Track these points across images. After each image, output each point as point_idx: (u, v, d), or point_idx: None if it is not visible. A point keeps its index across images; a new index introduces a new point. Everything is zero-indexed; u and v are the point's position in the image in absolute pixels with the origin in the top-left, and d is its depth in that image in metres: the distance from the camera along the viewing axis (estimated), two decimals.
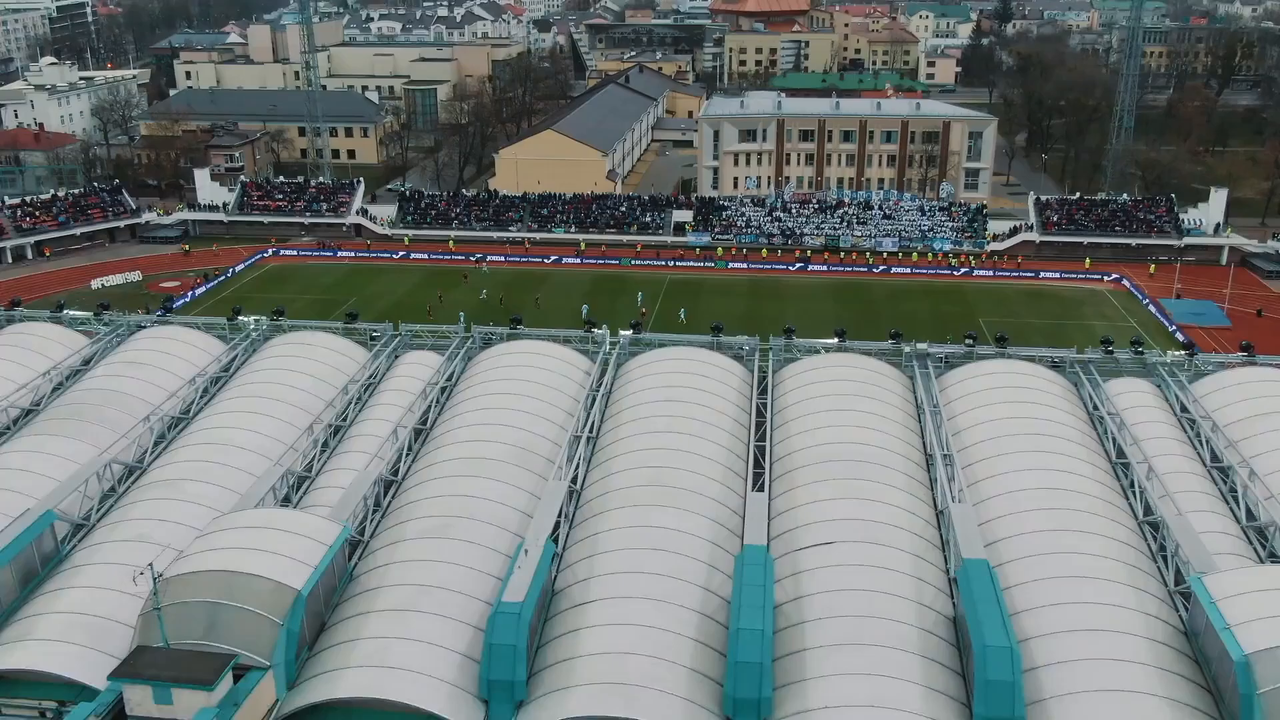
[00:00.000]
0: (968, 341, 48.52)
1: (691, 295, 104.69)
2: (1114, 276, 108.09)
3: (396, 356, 49.55)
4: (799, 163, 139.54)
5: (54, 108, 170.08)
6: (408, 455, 40.94)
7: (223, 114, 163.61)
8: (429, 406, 43.92)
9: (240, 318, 56.13)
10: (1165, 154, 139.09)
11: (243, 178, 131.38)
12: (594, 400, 43.55)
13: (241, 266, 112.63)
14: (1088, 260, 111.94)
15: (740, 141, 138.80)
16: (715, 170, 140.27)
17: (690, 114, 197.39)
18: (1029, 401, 42.71)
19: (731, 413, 42.95)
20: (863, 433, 40.24)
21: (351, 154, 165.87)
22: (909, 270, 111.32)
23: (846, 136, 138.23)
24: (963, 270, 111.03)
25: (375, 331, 52.83)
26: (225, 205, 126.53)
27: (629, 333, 49.13)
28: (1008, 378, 44.89)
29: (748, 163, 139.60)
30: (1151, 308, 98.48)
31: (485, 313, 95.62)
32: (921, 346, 47.55)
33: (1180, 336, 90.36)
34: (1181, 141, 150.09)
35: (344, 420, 44.31)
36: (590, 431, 41.84)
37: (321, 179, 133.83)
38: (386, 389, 46.18)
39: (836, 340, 48.76)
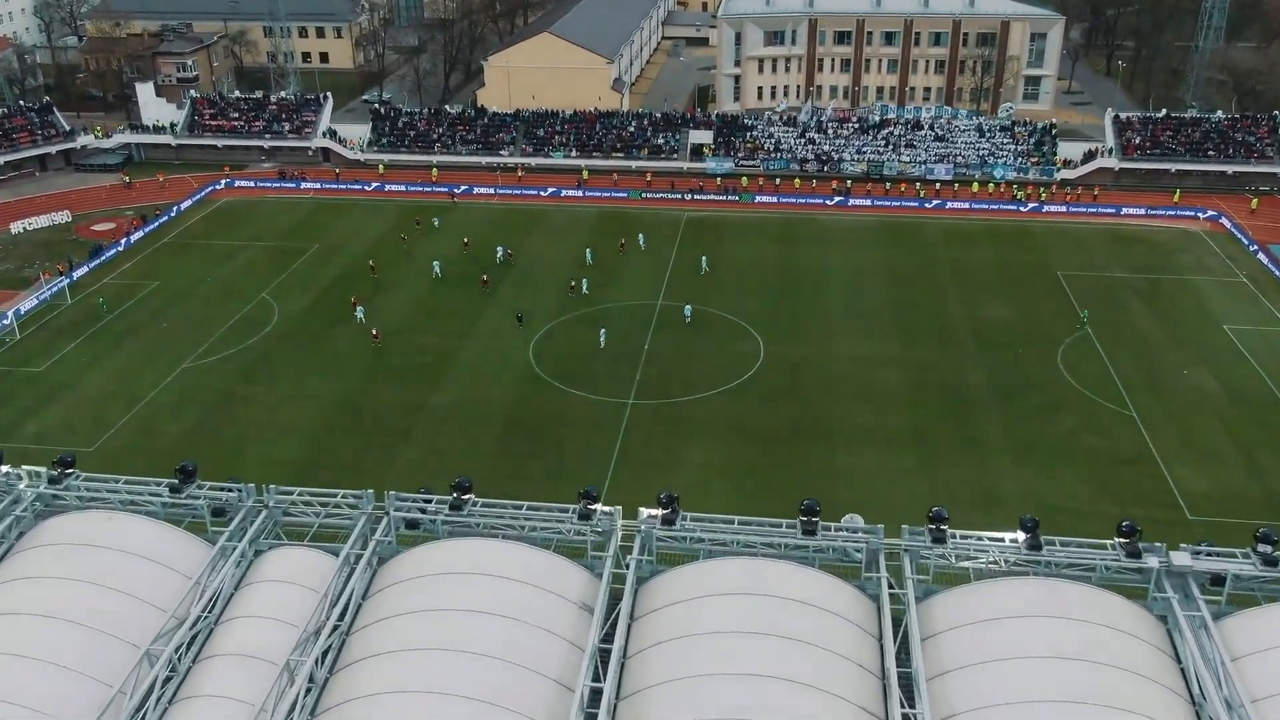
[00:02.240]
0: (1261, 549, 26.87)
1: (713, 237, 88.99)
2: (1210, 214, 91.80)
3: (258, 553, 27.92)
4: (833, 69, 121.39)
5: None
6: None
7: (177, 11, 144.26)
8: (295, 706, 22.93)
9: (3, 470, 31.14)
10: (1248, 54, 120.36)
11: (193, 91, 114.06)
12: (599, 694, 23.23)
13: (188, 203, 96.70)
14: (1177, 193, 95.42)
15: (766, 45, 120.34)
16: (737, 79, 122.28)
17: (705, 6, 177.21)
18: None
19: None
20: None
21: (324, 57, 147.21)
22: (967, 205, 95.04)
23: (889, 39, 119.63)
24: (1030, 206, 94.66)
25: (224, 498, 29.53)
26: (173, 126, 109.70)
27: (654, 515, 27.63)
28: None
29: (774, 70, 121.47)
30: (1261, 256, 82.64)
31: (463, 265, 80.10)
32: (1181, 562, 26.53)
33: None
34: (1268, 41, 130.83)
35: None
36: None
37: (284, 93, 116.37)
38: (223, 651, 24.80)
39: (1024, 537, 27.77)
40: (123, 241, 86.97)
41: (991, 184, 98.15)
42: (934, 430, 58.94)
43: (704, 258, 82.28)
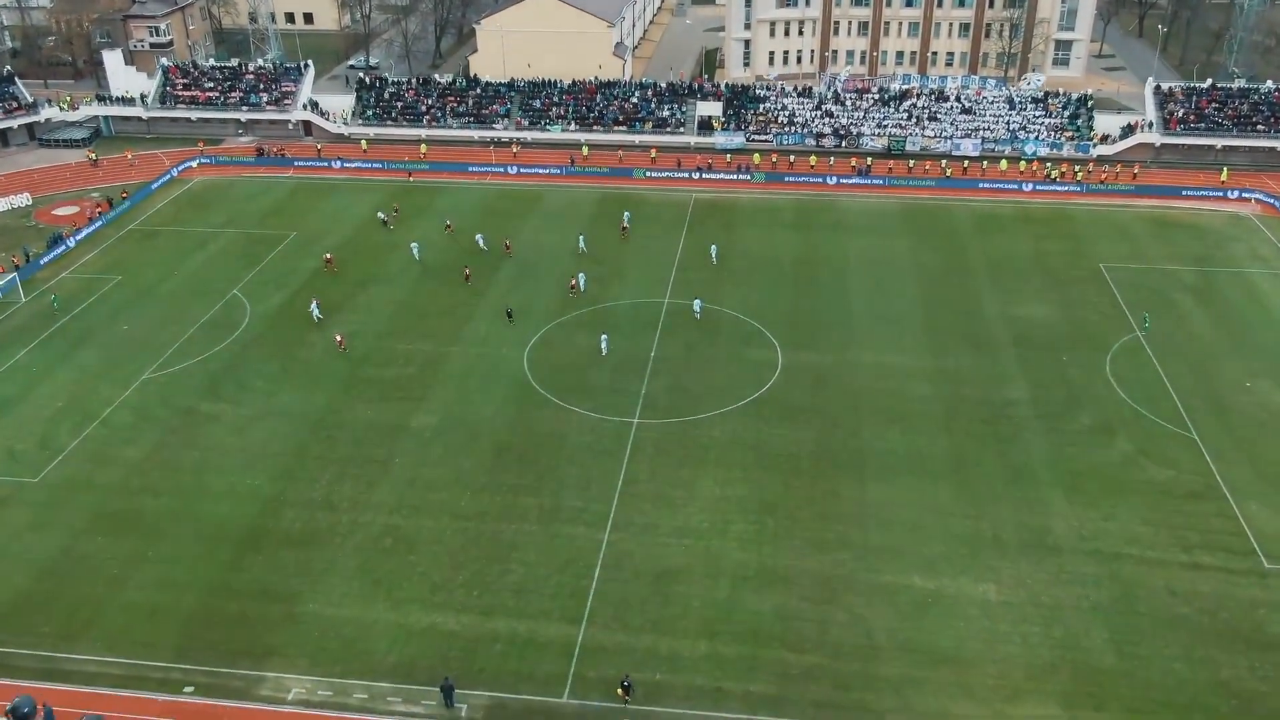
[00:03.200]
0: None
1: (724, 222, 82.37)
2: (1259, 195, 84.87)
3: None
4: (850, 33, 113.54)
5: None
6: None
7: None
8: None
9: None
10: None
11: (164, 59, 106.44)
12: None
13: (157, 184, 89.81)
14: (1224, 171, 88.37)
15: (778, 7, 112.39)
16: (747, 44, 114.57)
17: None
18: None
19: None
20: None
21: (308, 18, 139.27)
22: (996, 186, 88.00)
23: (909, 0, 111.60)
24: (1067, 186, 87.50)
25: None
26: (143, 97, 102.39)
27: None
28: None
29: (787, 34, 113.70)
30: None
31: (448, 255, 73.08)
32: None
33: None
34: None
35: None
36: None
37: (262, 61, 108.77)
38: None
39: None
40: (82, 230, 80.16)
41: (1023, 161, 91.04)
42: (973, 456, 52.88)
43: (714, 247, 75.65)
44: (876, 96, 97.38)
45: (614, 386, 58.95)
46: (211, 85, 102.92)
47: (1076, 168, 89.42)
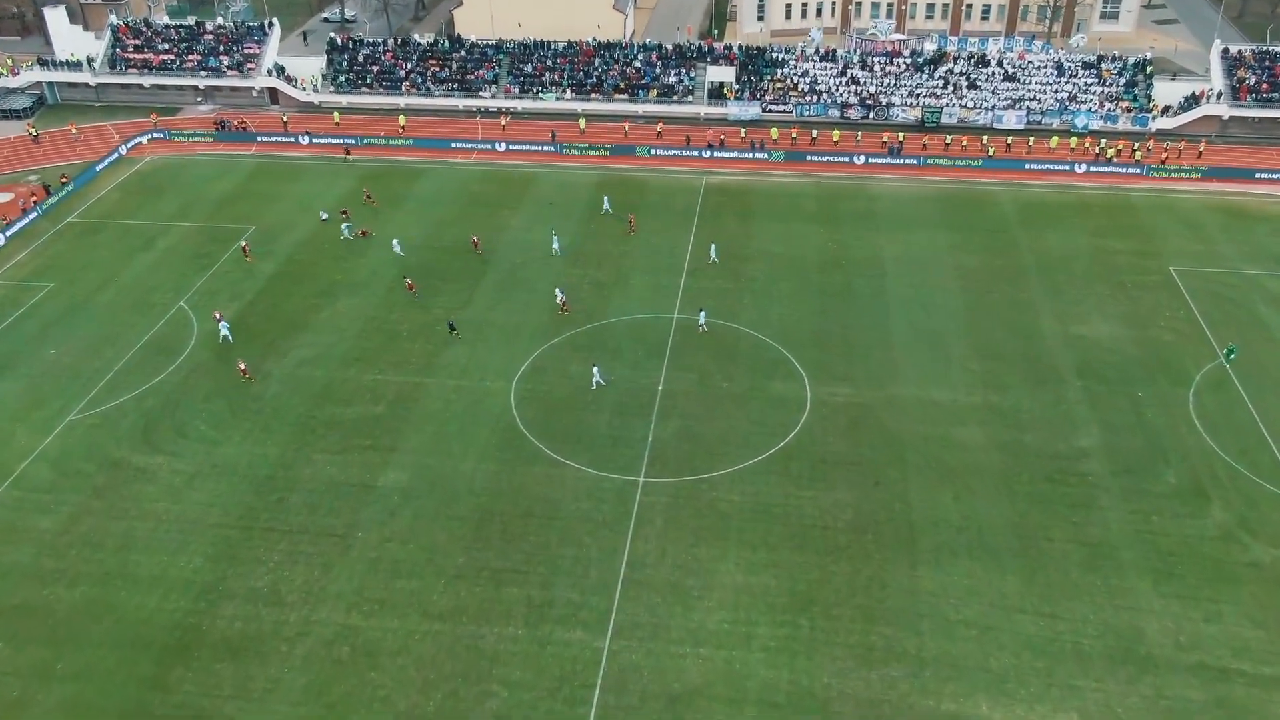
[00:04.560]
0: None
1: (738, 211, 73.01)
2: None
3: None
4: None
5: None
6: None
7: None
8: None
9: None
10: None
11: (113, 19, 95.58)
12: None
13: (103, 165, 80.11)
14: None
15: None
16: None
17: None
18: None
19: None
20: None
21: None
22: (1044, 167, 78.26)
23: None
24: (1125, 168, 77.67)
25: None
26: (92, 61, 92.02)
27: None
28: None
29: None
30: None
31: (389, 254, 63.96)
32: None
33: None
34: None
35: None
36: None
37: (222, 19, 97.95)
38: None
39: None
40: (12, 224, 70.90)
41: (1074, 137, 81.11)
42: (1041, 528, 44.62)
43: (713, 246, 66.26)
44: (908, 60, 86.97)
45: (615, 432, 50.44)
46: (166, 47, 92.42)
47: (1135, 145, 79.52)
